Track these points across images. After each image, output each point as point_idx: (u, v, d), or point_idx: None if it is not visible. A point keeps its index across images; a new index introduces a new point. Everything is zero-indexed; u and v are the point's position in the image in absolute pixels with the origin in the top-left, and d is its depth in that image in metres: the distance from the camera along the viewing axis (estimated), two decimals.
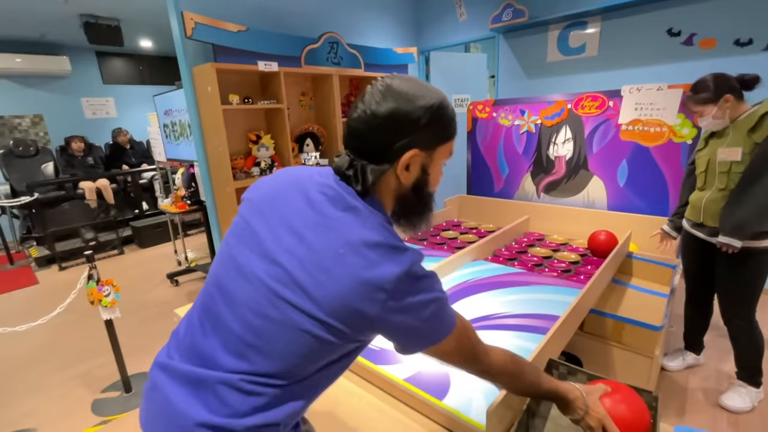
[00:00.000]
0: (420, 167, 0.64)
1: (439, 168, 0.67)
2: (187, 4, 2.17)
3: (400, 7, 3.67)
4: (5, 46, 4.99)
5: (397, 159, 0.61)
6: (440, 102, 0.62)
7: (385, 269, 0.55)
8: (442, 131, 0.63)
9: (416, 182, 0.65)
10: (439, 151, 0.65)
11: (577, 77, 3.03)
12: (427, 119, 0.60)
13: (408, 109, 0.60)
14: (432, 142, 0.63)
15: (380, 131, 0.60)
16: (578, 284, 1.47)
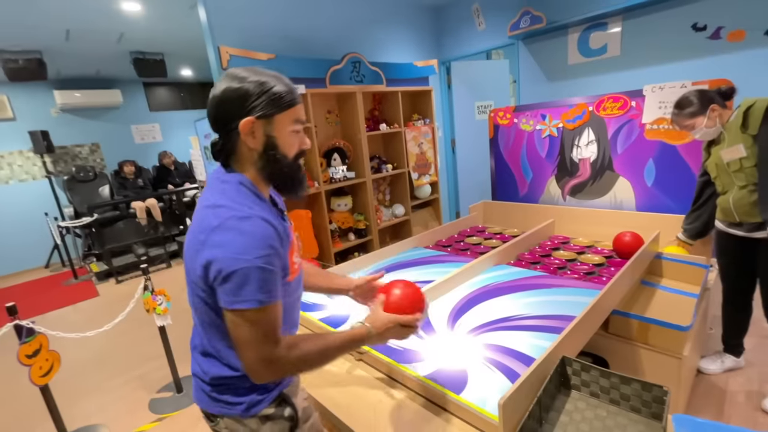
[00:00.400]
0: (263, 133, 0.76)
1: (286, 133, 0.78)
2: (223, 39, 2.39)
3: (419, 22, 3.79)
4: (67, 84, 5.57)
5: (239, 129, 0.74)
6: (266, 80, 0.75)
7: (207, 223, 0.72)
8: (273, 102, 0.75)
9: (265, 146, 0.77)
10: (278, 119, 0.76)
11: (600, 78, 3.01)
12: (256, 93, 0.73)
13: (236, 86, 0.74)
14: (266, 111, 0.75)
15: (219, 108, 0.75)
16: (600, 286, 1.48)
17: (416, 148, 3.33)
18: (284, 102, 0.76)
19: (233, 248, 0.69)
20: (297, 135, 0.81)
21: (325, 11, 3.00)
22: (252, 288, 0.70)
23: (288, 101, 0.77)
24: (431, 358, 1.11)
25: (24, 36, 3.59)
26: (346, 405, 1.01)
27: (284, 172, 0.80)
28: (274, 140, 0.77)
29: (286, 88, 0.77)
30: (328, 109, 2.98)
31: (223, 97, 0.74)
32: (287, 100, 0.77)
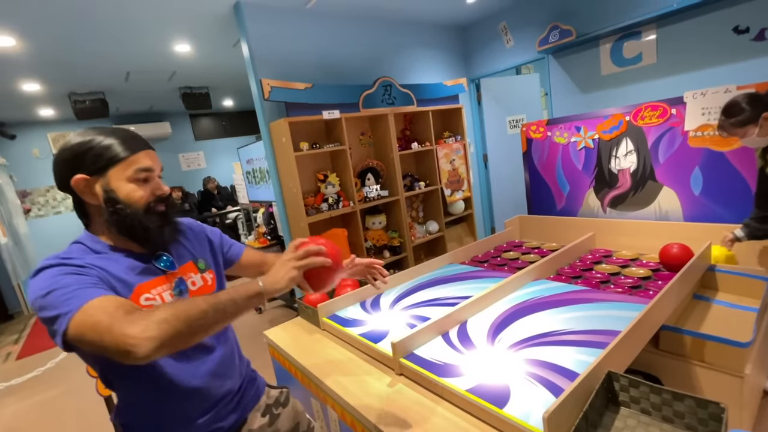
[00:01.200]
0: (101, 189, 0.78)
1: (125, 185, 0.79)
2: (264, 72, 2.58)
3: (448, 42, 3.89)
4: (124, 120, 6.12)
5: (72, 187, 0.78)
6: (92, 137, 0.78)
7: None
8: (101, 157, 0.77)
9: (105, 201, 0.78)
10: (113, 173, 0.78)
11: (636, 87, 2.94)
12: (81, 152, 0.77)
13: (62, 150, 0.78)
14: (96, 166, 0.77)
15: (55, 174, 0.80)
16: (646, 300, 1.43)
17: (448, 165, 3.37)
18: (116, 155, 0.78)
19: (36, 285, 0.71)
20: (145, 184, 0.82)
21: (357, 40, 3.16)
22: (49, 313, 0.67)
23: (119, 153, 0.78)
24: (472, 372, 1.12)
25: (91, 79, 4.02)
26: (391, 420, 1.04)
27: (131, 223, 0.79)
28: (112, 194, 0.78)
29: (117, 140, 0.79)
30: (362, 131, 3.10)
31: (55, 162, 0.80)
32: (118, 152, 0.78)
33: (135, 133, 0.84)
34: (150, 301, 0.81)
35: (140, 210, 0.81)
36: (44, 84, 3.95)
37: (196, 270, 0.94)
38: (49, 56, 3.19)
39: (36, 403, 2.86)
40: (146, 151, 0.83)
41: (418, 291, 1.81)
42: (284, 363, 1.61)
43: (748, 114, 1.46)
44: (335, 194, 2.80)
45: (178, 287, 0.87)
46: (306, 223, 2.56)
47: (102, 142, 0.78)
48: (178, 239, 0.93)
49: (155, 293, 0.82)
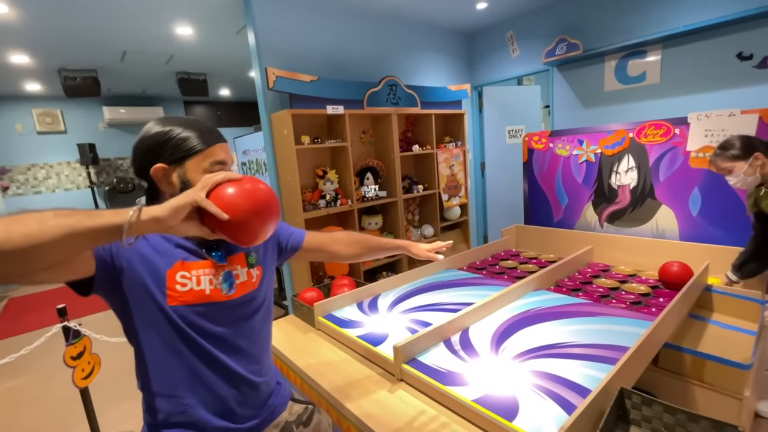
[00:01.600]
0: (177, 178, 0.79)
1: (199, 176, 0.78)
2: (269, 61, 2.52)
3: (453, 47, 3.88)
4: (115, 101, 5.94)
5: (151, 175, 0.78)
6: (173, 128, 0.78)
7: None
8: (181, 147, 0.78)
9: (182, 189, 0.76)
10: (190, 164, 0.78)
11: (638, 105, 2.98)
12: (163, 141, 0.77)
13: (145, 137, 0.79)
14: (174, 157, 0.78)
15: (135, 161, 0.81)
16: (649, 316, 1.42)
17: (447, 169, 3.35)
18: (193, 147, 0.79)
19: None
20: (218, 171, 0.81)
21: (365, 36, 3.12)
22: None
23: (196, 145, 0.79)
24: (477, 382, 1.08)
25: (84, 55, 3.87)
26: (392, 429, 0.99)
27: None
28: (189, 184, 0.77)
29: (195, 133, 0.79)
30: (363, 130, 3.06)
31: (136, 149, 0.80)
32: (195, 144, 0.79)
33: (211, 126, 0.84)
34: (185, 279, 0.80)
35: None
36: (34, 57, 3.79)
37: (245, 263, 0.91)
38: (42, 27, 3.06)
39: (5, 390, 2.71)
40: (221, 144, 0.83)
41: (416, 295, 1.77)
42: (275, 362, 1.55)
43: (739, 151, 1.51)
44: (333, 191, 2.74)
45: (227, 280, 0.85)
46: (302, 218, 2.50)
47: (181, 133, 0.79)
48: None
49: (194, 273, 0.82)
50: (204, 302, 0.82)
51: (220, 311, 0.84)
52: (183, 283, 0.80)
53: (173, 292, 0.79)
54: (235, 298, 0.86)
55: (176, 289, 0.79)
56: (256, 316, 0.92)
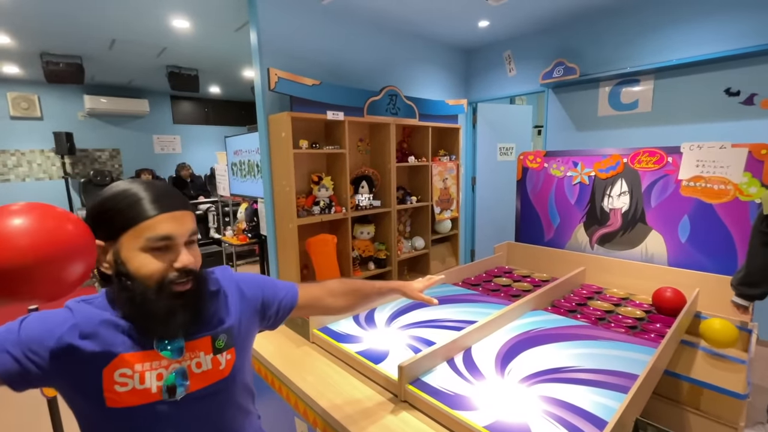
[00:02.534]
0: (112, 257, 0.66)
1: (136, 255, 0.65)
2: (270, 62, 2.46)
3: (453, 62, 3.92)
4: (97, 90, 5.70)
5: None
6: (110, 196, 0.67)
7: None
8: (112, 220, 0.66)
9: (116, 273, 0.66)
10: (124, 240, 0.65)
11: (629, 131, 3.07)
12: (96, 213, 0.67)
13: (89, 207, 0.69)
14: (106, 232, 0.66)
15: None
16: (648, 342, 1.43)
17: (441, 182, 3.35)
18: (126, 219, 0.65)
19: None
20: (163, 254, 0.67)
21: (368, 45, 3.12)
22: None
23: (131, 217, 0.65)
24: (486, 406, 1.05)
25: (70, 40, 3.70)
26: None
27: (134, 303, 0.65)
28: (121, 267, 0.65)
29: (131, 200, 0.66)
30: (360, 137, 3.02)
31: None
32: (129, 217, 0.65)
33: (170, 191, 0.71)
34: (125, 378, 0.66)
35: (151, 288, 0.66)
36: (15, 37, 3.59)
37: (210, 349, 0.74)
38: (28, 8, 2.90)
39: None
40: (171, 214, 0.68)
41: (414, 309, 1.73)
42: (266, 376, 1.48)
43: None
44: (327, 198, 2.69)
45: (177, 376, 0.69)
46: (296, 224, 2.43)
47: (117, 203, 0.66)
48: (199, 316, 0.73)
49: (138, 369, 0.67)
50: (150, 402, 0.68)
51: (175, 411, 0.70)
52: (123, 383, 0.66)
53: (111, 394, 0.65)
54: (194, 391, 0.71)
55: (115, 390, 0.65)
56: (227, 408, 0.77)
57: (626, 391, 1.03)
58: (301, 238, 2.52)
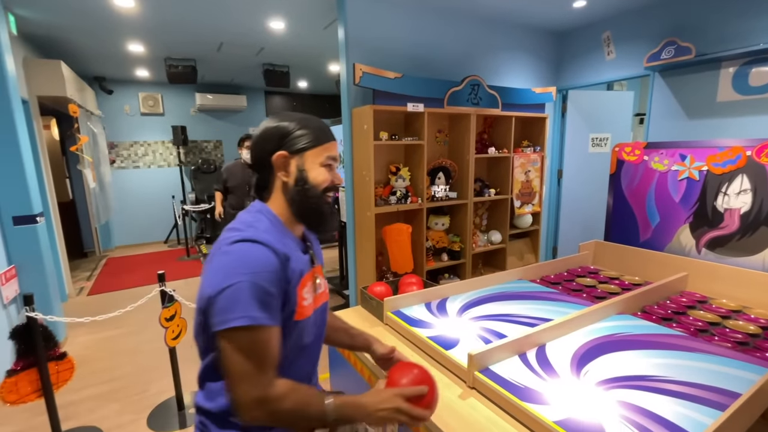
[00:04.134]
0: (296, 167, 0.83)
1: (316, 168, 0.84)
2: (356, 57, 2.58)
3: (542, 47, 3.69)
4: (205, 88, 6.48)
5: (272, 163, 0.83)
6: (298, 120, 0.84)
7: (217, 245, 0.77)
8: (305, 138, 0.83)
9: (297, 178, 0.83)
10: (309, 154, 0.84)
11: (758, 119, 2.61)
12: (289, 131, 0.83)
13: (273, 125, 0.84)
14: (296, 145, 0.83)
15: (256, 147, 0.85)
16: (762, 361, 1.26)
17: (522, 175, 3.22)
18: (315, 139, 0.84)
19: (223, 270, 0.71)
20: (328, 170, 0.86)
21: (450, 35, 3.09)
22: (242, 305, 0.68)
23: (318, 139, 0.84)
24: (558, 403, 1.03)
25: (187, 46, 4.27)
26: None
27: (311, 203, 0.84)
28: (304, 174, 0.83)
29: (316, 126, 0.85)
30: (439, 129, 3.03)
31: (262, 135, 0.84)
32: (317, 138, 0.84)
33: (325, 125, 0.89)
34: (306, 293, 0.84)
35: (320, 192, 0.86)
36: (147, 46, 4.25)
37: (321, 272, 0.95)
38: (158, 19, 3.42)
39: (103, 338, 3.12)
40: (334, 142, 0.89)
41: (487, 302, 1.73)
42: (342, 350, 1.60)
43: None
44: (404, 188, 2.76)
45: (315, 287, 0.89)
46: (373, 213, 2.54)
47: (301, 128, 0.84)
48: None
49: (309, 284, 0.86)
50: (312, 311, 0.86)
51: (313, 320, 0.88)
52: (305, 297, 0.82)
53: (300, 309, 0.81)
54: (321, 304, 0.92)
55: (302, 305, 0.82)
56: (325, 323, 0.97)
57: (724, 409, 0.94)
58: (378, 227, 2.63)
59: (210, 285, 0.71)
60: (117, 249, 6.22)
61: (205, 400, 0.82)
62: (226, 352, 0.69)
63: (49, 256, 2.93)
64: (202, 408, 0.82)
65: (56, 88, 3.77)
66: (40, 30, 3.62)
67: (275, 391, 0.71)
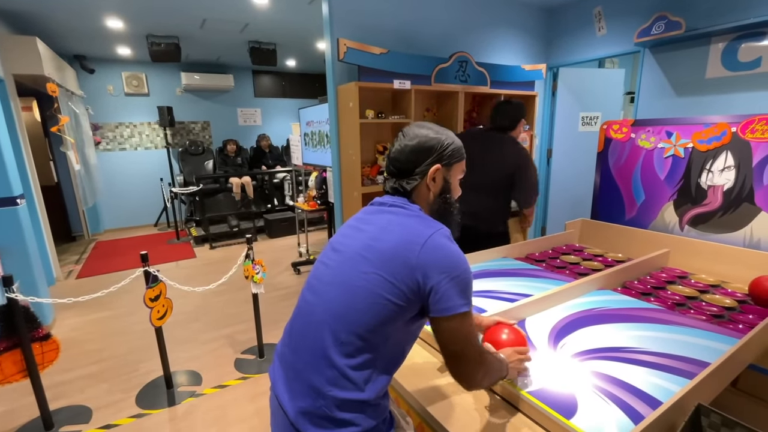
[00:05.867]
0: (443, 178, 0.92)
1: (456, 180, 0.95)
2: (340, 32, 2.51)
3: (532, 23, 3.62)
4: (191, 67, 6.30)
5: (425, 173, 0.90)
6: (448, 135, 0.92)
7: (421, 230, 0.82)
8: (455, 153, 0.91)
9: (442, 189, 0.92)
10: (455, 168, 0.93)
11: (745, 96, 2.60)
12: (444, 146, 0.90)
13: (430, 139, 0.90)
14: (449, 160, 0.91)
15: (413, 153, 0.90)
16: (735, 332, 1.29)
17: None
18: (460, 154, 0.93)
19: (454, 258, 0.80)
20: (459, 183, 0.97)
21: (437, 10, 3.00)
22: (468, 294, 0.80)
23: (462, 154, 0.94)
24: (533, 375, 1.05)
25: (169, 22, 4.12)
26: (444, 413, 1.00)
27: (450, 212, 0.94)
28: (449, 185, 0.93)
29: (459, 142, 0.93)
30: (427, 107, 2.99)
31: (417, 147, 0.90)
32: (462, 153, 0.94)
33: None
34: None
35: (456, 203, 0.96)
36: (127, 22, 4.10)
37: None
38: None
39: (91, 320, 3.12)
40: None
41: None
42: None
43: None
44: None
45: None
46: (360, 192, 2.52)
47: (454, 141, 0.92)
48: None
49: None
50: None
51: None
52: None
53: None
54: None
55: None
56: None
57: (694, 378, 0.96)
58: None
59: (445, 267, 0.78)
60: (106, 232, 6.16)
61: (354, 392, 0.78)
62: (449, 333, 0.80)
63: (32, 239, 2.89)
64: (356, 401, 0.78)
65: (32, 66, 3.64)
66: (14, 5, 3.47)
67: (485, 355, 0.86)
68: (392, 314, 0.79)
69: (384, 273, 0.78)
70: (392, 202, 0.91)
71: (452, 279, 0.77)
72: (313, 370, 0.80)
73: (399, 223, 0.84)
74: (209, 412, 1.98)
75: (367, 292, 0.79)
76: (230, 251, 4.89)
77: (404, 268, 0.78)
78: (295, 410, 0.80)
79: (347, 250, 0.87)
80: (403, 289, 0.78)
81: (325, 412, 0.77)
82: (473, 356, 0.82)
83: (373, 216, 0.91)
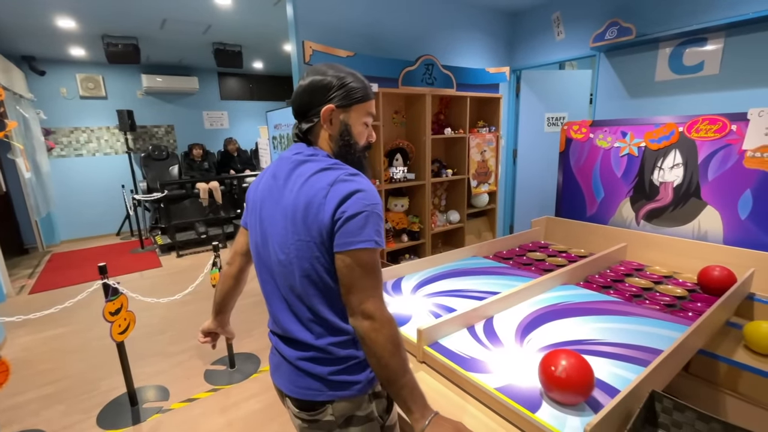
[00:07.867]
0: (340, 121, 0.86)
1: (358, 124, 0.88)
2: (306, 35, 2.49)
3: (495, 27, 3.72)
4: (152, 69, 6.06)
5: (320, 114, 0.84)
6: (345, 75, 0.85)
7: (329, 175, 0.80)
8: (351, 94, 0.85)
9: (340, 132, 0.86)
10: (354, 110, 0.86)
11: (691, 98, 2.78)
12: (337, 86, 0.84)
13: (320, 78, 0.84)
14: (344, 101, 0.84)
15: (305, 97, 0.86)
16: (685, 320, 1.37)
17: (478, 155, 3.27)
18: (359, 95, 0.86)
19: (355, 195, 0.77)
20: (366, 127, 0.91)
21: (403, 13, 3.03)
22: (370, 230, 0.77)
23: (363, 95, 0.87)
24: (500, 371, 1.08)
25: (126, 22, 3.94)
26: None
27: (353, 157, 0.89)
28: (348, 128, 0.87)
29: (361, 84, 0.87)
30: (396, 110, 3.01)
31: (309, 87, 0.85)
32: (362, 94, 0.87)
33: (367, 81, 0.91)
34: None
35: (362, 147, 0.91)
36: (79, 22, 3.89)
37: None
38: None
39: (45, 338, 2.93)
40: (373, 101, 0.91)
41: (440, 280, 1.76)
42: None
43: None
44: None
45: None
46: None
47: (352, 82, 0.86)
48: None
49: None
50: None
51: None
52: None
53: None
54: None
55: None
56: None
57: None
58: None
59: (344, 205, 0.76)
60: (63, 243, 5.81)
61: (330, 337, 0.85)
62: (348, 270, 0.77)
63: None
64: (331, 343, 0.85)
65: None
66: None
67: (387, 311, 0.79)
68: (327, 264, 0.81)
69: (305, 237, 0.80)
70: (295, 150, 0.89)
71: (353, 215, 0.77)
72: (296, 330, 0.87)
73: (306, 185, 0.82)
74: (177, 427, 1.91)
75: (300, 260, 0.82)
76: (198, 259, 4.72)
77: (324, 227, 0.79)
78: (294, 357, 0.87)
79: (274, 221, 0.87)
80: (325, 242, 0.80)
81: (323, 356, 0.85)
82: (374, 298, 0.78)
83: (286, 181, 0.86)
